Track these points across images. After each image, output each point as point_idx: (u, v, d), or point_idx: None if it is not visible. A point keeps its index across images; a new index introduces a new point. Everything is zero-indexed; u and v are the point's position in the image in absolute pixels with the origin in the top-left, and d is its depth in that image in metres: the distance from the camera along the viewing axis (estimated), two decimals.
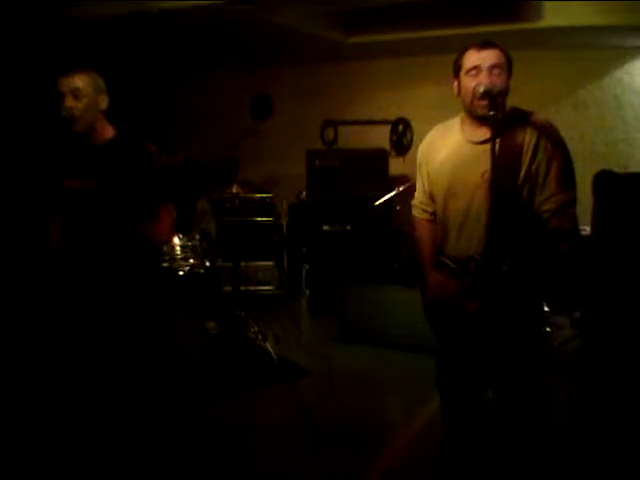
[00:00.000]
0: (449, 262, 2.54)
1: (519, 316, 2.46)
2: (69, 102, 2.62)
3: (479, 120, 2.41)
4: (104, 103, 2.72)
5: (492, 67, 2.35)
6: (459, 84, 2.45)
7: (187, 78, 7.10)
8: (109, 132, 2.76)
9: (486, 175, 2.33)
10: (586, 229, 3.05)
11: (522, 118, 2.41)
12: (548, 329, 4.32)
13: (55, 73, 2.70)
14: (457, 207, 2.49)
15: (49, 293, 2.96)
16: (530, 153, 2.36)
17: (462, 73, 2.41)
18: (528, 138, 2.36)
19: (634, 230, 2.89)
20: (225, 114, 6.84)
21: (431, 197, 2.64)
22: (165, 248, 4.21)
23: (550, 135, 2.39)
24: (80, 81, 2.64)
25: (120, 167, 2.68)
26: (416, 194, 2.75)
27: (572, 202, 2.40)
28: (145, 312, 2.83)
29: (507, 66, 2.39)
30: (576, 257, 2.41)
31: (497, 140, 2.32)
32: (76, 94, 2.62)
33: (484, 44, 2.39)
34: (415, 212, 2.75)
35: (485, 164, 2.31)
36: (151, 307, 2.88)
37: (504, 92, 2.36)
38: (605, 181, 2.81)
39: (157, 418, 3.07)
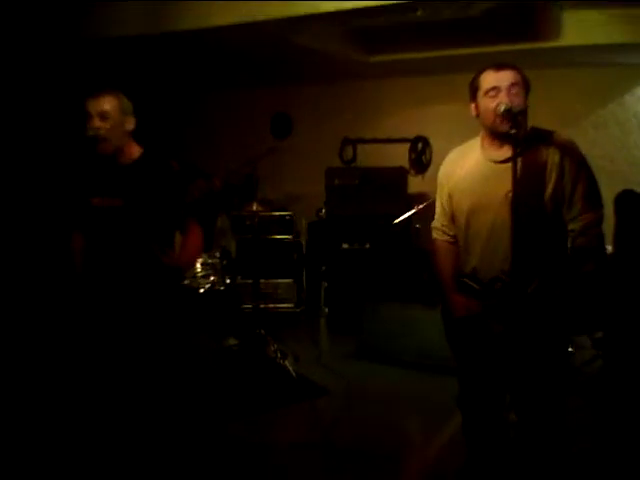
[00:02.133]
0: (472, 283, 2.53)
1: (545, 337, 2.44)
2: (96, 123, 2.67)
3: (500, 139, 2.42)
4: (131, 125, 2.76)
5: (511, 86, 2.36)
6: (477, 106, 2.45)
7: (208, 97, 7.18)
8: (136, 151, 2.81)
9: (510, 194, 2.32)
10: (608, 248, 3.02)
11: (544, 137, 2.42)
12: (570, 349, 4.27)
13: (81, 93, 2.75)
14: (480, 227, 2.48)
15: (73, 310, 2.99)
16: (555, 173, 2.36)
17: (480, 94, 2.42)
18: (551, 157, 2.36)
19: None
20: (246, 133, 6.90)
21: (452, 219, 2.64)
22: None
23: (573, 154, 2.39)
24: (107, 104, 2.68)
25: (146, 185, 2.72)
26: (436, 216, 2.74)
27: (599, 221, 2.40)
28: (166, 329, 2.85)
29: (524, 85, 2.41)
30: (601, 278, 2.39)
31: (519, 159, 2.32)
32: (103, 116, 2.67)
33: (500, 65, 2.40)
34: (435, 234, 2.73)
35: (508, 183, 2.31)
36: (172, 324, 2.90)
37: (524, 111, 2.37)
38: (627, 200, 2.80)
39: (175, 435, 3.07)
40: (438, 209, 2.72)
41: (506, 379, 2.54)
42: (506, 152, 2.38)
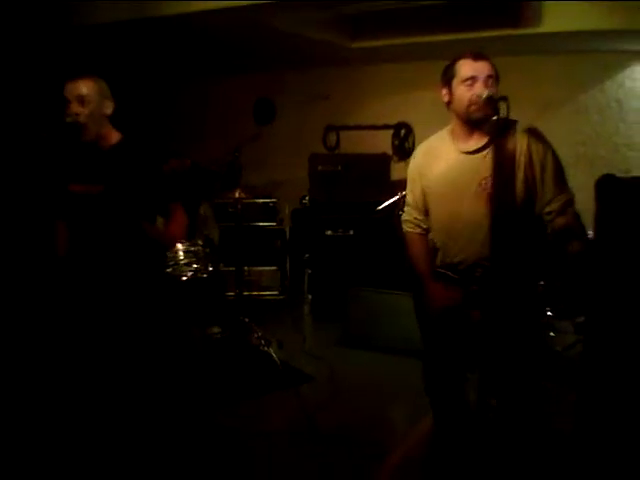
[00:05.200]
0: (449, 273, 2.55)
1: (524, 322, 2.46)
2: (75, 108, 2.65)
3: (471, 128, 2.46)
4: (109, 109, 2.74)
5: (487, 78, 2.42)
6: (451, 93, 2.49)
7: (190, 83, 7.12)
8: (115, 137, 2.79)
9: (484, 183, 2.38)
10: (589, 233, 3.05)
11: (509, 126, 2.45)
12: (552, 334, 4.31)
13: (61, 79, 2.73)
14: (456, 218, 2.52)
15: (55, 298, 2.97)
16: (524, 159, 2.41)
17: (455, 82, 2.46)
18: (519, 144, 2.40)
19: (637, 234, 2.90)
20: (228, 119, 6.86)
21: (425, 212, 2.66)
22: (168, 253, 4.22)
23: (539, 139, 2.45)
24: (85, 87, 2.66)
25: (126, 170, 2.71)
26: (407, 209, 2.77)
27: (572, 201, 2.46)
28: (149, 317, 2.85)
29: (496, 77, 2.46)
30: (588, 258, 2.44)
31: (490, 148, 2.35)
32: (82, 100, 2.65)
33: (478, 55, 2.45)
34: (407, 227, 2.77)
35: (480, 173, 2.38)
36: (155, 312, 2.89)
37: (501, 99, 2.41)
38: (607, 185, 2.81)
39: (160, 423, 3.07)
40: (410, 203, 2.75)
41: (480, 364, 2.57)
42: (476, 142, 2.45)
